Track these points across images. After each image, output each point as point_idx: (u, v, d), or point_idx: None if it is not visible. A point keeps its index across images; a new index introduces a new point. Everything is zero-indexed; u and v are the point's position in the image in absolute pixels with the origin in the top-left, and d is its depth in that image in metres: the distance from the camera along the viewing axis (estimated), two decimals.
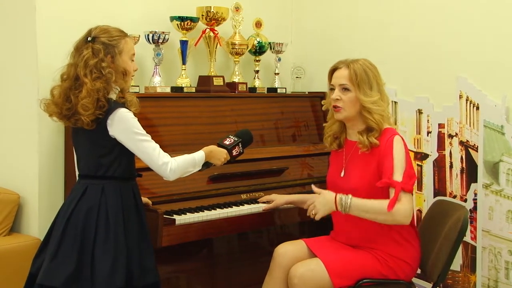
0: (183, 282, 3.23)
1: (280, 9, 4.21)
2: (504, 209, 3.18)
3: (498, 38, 3.20)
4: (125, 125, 2.45)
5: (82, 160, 2.57)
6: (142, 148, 2.48)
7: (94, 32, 2.50)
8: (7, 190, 3.25)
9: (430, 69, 3.48)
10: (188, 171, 2.62)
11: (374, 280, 2.72)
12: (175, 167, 2.53)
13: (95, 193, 2.48)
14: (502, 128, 3.17)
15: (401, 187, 2.61)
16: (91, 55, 2.44)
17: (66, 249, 2.44)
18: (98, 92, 2.41)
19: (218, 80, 3.59)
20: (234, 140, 2.83)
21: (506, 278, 3.19)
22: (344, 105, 2.76)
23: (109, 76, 2.44)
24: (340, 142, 2.91)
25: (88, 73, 2.42)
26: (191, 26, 3.49)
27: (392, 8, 3.68)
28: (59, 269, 2.42)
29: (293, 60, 4.18)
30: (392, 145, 2.68)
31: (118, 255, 2.44)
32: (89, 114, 2.40)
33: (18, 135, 3.26)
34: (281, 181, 3.49)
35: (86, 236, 2.45)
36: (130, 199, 2.55)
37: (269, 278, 2.85)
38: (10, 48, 3.32)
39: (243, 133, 2.90)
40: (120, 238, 2.46)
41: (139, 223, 2.56)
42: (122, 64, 2.51)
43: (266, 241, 3.59)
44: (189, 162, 2.61)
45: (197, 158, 2.64)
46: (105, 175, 2.50)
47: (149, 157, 2.50)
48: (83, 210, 2.47)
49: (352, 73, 2.75)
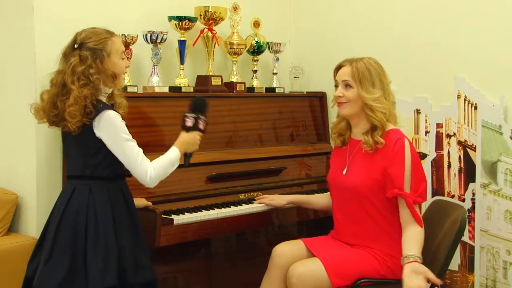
0: (181, 282, 3.22)
1: (278, 9, 4.20)
2: (502, 209, 3.18)
3: (496, 38, 3.20)
4: (111, 127, 2.44)
5: (70, 161, 2.57)
6: (126, 152, 2.47)
7: (79, 38, 2.48)
8: (5, 190, 3.25)
9: (428, 69, 3.48)
10: (168, 172, 2.58)
11: (372, 280, 2.72)
12: (154, 175, 2.50)
13: (83, 193, 2.48)
14: (500, 128, 3.17)
15: (412, 201, 2.66)
16: (78, 62, 2.43)
17: (60, 252, 2.44)
18: (86, 99, 2.40)
19: (216, 80, 3.59)
20: (193, 118, 2.73)
21: (504, 278, 3.20)
22: (347, 101, 2.79)
23: (97, 83, 2.43)
24: (344, 139, 2.93)
25: (75, 80, 2.41)
26: (189, 25, 3.49)
27: (390, 8, 3.68)
28: (53, 272, 2.42)
29: (291, 60, 4.18)
30: (403, 152, 2.70)
31: (108, 254, 2.43)
32: (76, 122, 2.40)
33: (16, 135, 3.25)
34: (279, 181, 3.49)
35: (77, 237, 2.44)
36: (119, 198, 2.54)
37: (267, 278, 2.85)
38: (8, 49, 3.31)
39: (196, 104, 2.78)
40: (110, 237, 2.45)
41: (131, 222, 2.55)
42: (111, 67, 2.49)
43: (264, 241, 3.59)
44: (166, 165, 2.56)
45: (173, 157, 2.59)
46: (92, 175, 2.49)
47: (131, 162, 2.48)
48: (73, 211, 2.47)
49: (354, 70, 2.79)
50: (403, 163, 2.69)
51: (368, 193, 2.73)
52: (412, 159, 2.71)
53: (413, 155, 2.72)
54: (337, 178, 2.87)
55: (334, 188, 2.91)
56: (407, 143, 2.73)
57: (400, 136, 2.74)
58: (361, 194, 2.73)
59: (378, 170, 2.73)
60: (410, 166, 2.69)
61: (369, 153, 2.77)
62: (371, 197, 2.73)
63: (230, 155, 3.39)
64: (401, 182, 2.68)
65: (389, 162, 2.71)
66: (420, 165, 2.77)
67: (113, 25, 2.61)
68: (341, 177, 2.84)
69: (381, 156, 2.73)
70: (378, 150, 2.74)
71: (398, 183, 2.68)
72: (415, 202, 2.68)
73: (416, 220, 2.68)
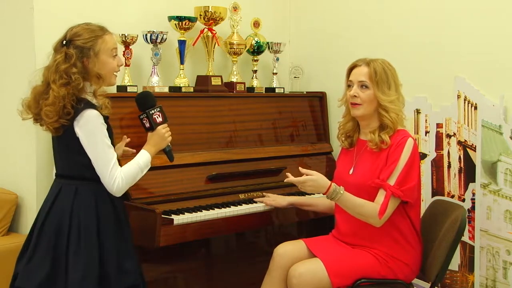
0: (181, 282, 3.22)
1: (278, 9, 4.20)
2: (502, 209, 3.18)
3: (496, 38, 3.20)
4: (90, 126, 2.39)
5: (57, 160, 2.55)
6: (98, 155, 2.40)
7: (69, 35, 2.45)
8: (5, 190, 3.25)
9: (428, 69, 3.48)
10: (137, 179, 2.51)
11: (372, 280, 2.72)
12: (122, 185, 2.42)
13: (69, 194, 2.45)
14: (500, 128, 3.17)
15: (391, 192, 2.64)
16: (63, 60, 2.40)
17: (41, 252, 2.42)
18: (64, 99, 2.35)
19: (216, 80, 3.59)
20: (146, 117, 2.62)
21: (504, 278, 3.19)
22: (362, 102, 2.77)
23: (77, 82, 2.38)
24: (352, 141, 2.92)
25: (57, 79, 2.38)
26: (189, 26, 3.49)
27: (390, 8, 3.68)
28: (34, 272, 2.40)
29: (291, 60, 4.18)
30: (402, 148, 2.70)
31: (90, 257, 2.40)
32: (52, 122, 2.37)
33: (16, 135, 3.26)
34: (279, 181, 3.48)
35: (59, 238, 2.42)
36: (105, 201, 2.48)
37: (268, 278, 2.84)
38: (8, 49, 3.31)
39: (140, 103, 2.67)
40: (93, 240, 2.42)
41: (117, 226, 2.51)
42: (98, 66, 2.44)
43: (264, 241, 3.59)
44: (136, 172, 2.48)
45: (142, 162, 2.51)
46: (79, 176, 2.46)
47: (101, 167, 2.41)
48: (58, 210, 2.44)
49: (372, 71, 2.76)
50: (398, 157, 2.68)
51: (372, 192, 2.72)
52: (410, 158, 2.69)
53: (412, 155, 2.71)
54: (343, 178, 2.85)
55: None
56: (411, 142, 2.72)
57: (406, 135, 2.74)
58: (365, 193, 2.72)
59: (380, 169, 2.73)
60: (404, 163, 2.68)
61: (375, 152, 2.76)
62: (374, 197, 2.72)
63: (230, 155, 3.39)
64: (387, 175, 2.67)
65: (389, 157, 2.71)
66: (417, 167, 2.74)
67: (113, 25, 2.60)
68: (347, 177, 2.83)
69: (385, 156, 2.72)
70: (383, 150, 2.74)
71: (384, 175, 2.68)
72: (394, 194, 2.64)
73: (381, 209, 2.64)
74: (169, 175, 3.04)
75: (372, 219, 2.68)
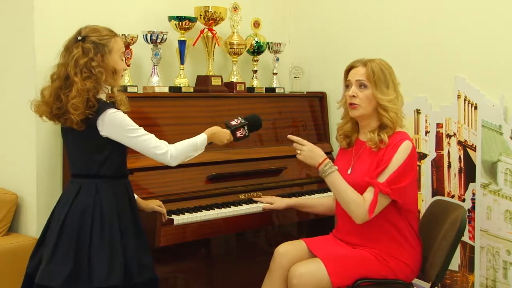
0: (181, 282, 3.22)
1: (278, 9, 4.20)
2: (502, 209, 3.18)
3: (496, 38, 3.20)
4: (117, 125, 2.46)
5: (73, 159, 2.57)
6: (138, 143, 2.49)
7: (84, 32, 2.50)
8: (5, 190, 3.25)
9: (428, 69, 3.48)
10: (190, 155, 2.63)
11: (372, 280, 2.72)
12: (175, 154, 2.54)
13: (89, 192, 2.49)
14: (500, 128, 3.17)
15: (379, 189, 2.64)
16: (81, 54, 2.44)
17: (63, 250, 2.44)
18: (88, 92, 2.41)
19: (216, 80, 3.59)
20: (240, 122, 2.83)
21: (504, 278, 3.20)
22: (361, 102, 2.77)
23: (99, 76, 2.45)
24: (350, 141, 2.91)
25: (78, 72, 2.42)
26: (189, 26, 3.49)
27: (390, 9, 3.68)
28: (58, 269, 2.42)
29: (291, 60, 4.18)
30: (396, 149, 2.69)
31: (114, 253, 2.45)
32: (79, 114, 2.40)
33: (16, 135, 3.26)
34: (279, 181, 3.49)
35: (82, 236, 2.45)
36: (124, 196, 2.56)
37: (269, 279, 2.84)
38: (8, 49, 3.31)
39: (252, 117, 2.91)
40: (116, 236, 2.47)
41: (134, 220, 2.57)
42: (112, 62, 2.51)
43: (264, 241, 3.59)
44: (190, 147, 2.62)
45: (199, 142, 2.65)
46: (98, 174, 2.50)
47: (146, 150, 2.51)
48: (78, 211, 2.47)
49: (369, 71, 2.76)
50: (391, 158, 2.67)
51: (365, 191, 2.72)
52: (405, 160, 2.67)
53: (408, 158, 2.69)
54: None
55: None
56: (408, 145, 2.70)
57: (404, 138, 2.73)
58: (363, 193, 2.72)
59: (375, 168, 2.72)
60: (397, 164, 2.66)
61: (373, 152, 2.76)
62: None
63: (230, 155, 3.39)
64: (378, 173, 2.67)
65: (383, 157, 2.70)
66: (412, 170, 2.72)
67: (113, 25, 2.61)
68: (345, 177, 2.83)
69: (382, 155, 2.72)
70: (381, 150, 2.74)
71: (375, 173, 2.68)
72: (382, 191, 2.63)
73: (370, 207, 2.64)
74: (169, 175, 3.04)
75: (357, 211, 2.67)
